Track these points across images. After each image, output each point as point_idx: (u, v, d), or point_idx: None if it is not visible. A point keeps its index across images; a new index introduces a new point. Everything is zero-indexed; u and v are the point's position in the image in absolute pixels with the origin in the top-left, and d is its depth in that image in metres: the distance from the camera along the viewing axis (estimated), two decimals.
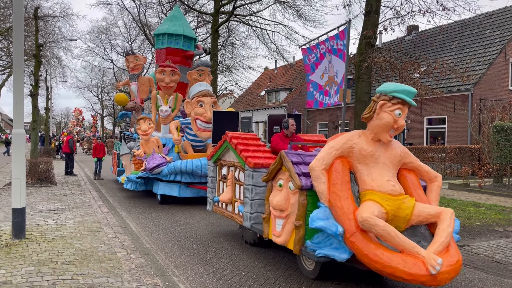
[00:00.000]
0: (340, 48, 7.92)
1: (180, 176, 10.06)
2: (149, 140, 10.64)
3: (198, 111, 10.04)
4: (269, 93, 39.14)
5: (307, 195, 4.65)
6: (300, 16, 23.67)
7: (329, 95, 8.52)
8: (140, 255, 5.80)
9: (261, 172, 5.72)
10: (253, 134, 6.76)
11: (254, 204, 5.74)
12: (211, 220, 8.75)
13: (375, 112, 4.66)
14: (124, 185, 11.37)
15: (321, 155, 4.65)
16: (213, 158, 7.00)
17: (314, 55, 8.90)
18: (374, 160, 4.67)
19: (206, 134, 10.06)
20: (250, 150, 6.06)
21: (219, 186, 6.93)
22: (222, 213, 6.71)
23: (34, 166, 13.15)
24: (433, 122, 22.36)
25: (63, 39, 27.85)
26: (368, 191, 4.54)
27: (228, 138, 6.45)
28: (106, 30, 40.00)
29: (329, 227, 4.25)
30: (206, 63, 12.50)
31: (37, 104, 17.00)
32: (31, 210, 8.63)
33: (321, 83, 8.75)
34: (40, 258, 5.44)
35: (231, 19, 23.61)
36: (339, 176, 4.52)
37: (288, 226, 4.84)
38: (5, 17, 21.95)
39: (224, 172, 6.71)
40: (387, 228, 4.10)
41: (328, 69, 8.49)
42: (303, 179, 4.64)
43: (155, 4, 26.86)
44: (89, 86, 54.18)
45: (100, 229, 7.30)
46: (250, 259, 5.96)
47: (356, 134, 4.80)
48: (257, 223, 5.72)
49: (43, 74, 32.41)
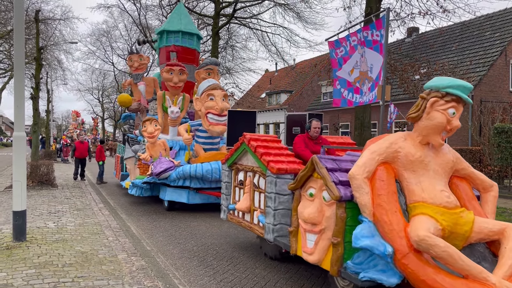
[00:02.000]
0: (376, 39, 7.07)
1: (189, 181, 9.39)
2: (156, 143, 10.04)
3: (209, 104, 9.31)
4: (269, 95, 39.18)
5: (346, 208, 4.03)
6: (300, 18, 23.71)
7: (360, 92, 7.61)
8: (140, 257, 5.80)
9: (285, 178, 5.17)
10: (273, 136, 6.16)
11: (278, 214, 5.13)
12: (211, 222, 8.75)
13: (425, 111, 4.03)
14: (128, 190, 10.82)
15: (362, 161, 4.04)
16: (228, 161, 6.39)
17: (342, 48, 7.95)
18: (424, 167, 4.06)
19: (219, 128, 9.32)
20: (271, 154, 5.46)
21: (235, 192, 6.33)
22: (239, 223, 6.10)
23: (35, 169, 13.16)
24: None
25: (64, 42, 27.88)
26: (418, 203, 3.91)
27: (246, 140, 5.82)
28: (107, 33, 40.18)
29: (377, 247, 3.66)
30: (214, 61, 11.95)
31: (38, 107, 17.00)
32: (32, 213, 8.63)
33: (350, 79, 7.85)
34: (41, 260, 5.44)
35: (232, 21, 23.67)
36: (384, 186, 3.91)
37: (323, 242, 4.24)
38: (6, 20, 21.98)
39: (240, 178, 6.11)
40: (449, 249, 3.48)
41: (359, 64, 7.60)
42: (342, 189, 4.04)
43: (156, 7, 26.90)
44: (90, 88, 54.37)
45: (101, 231, 7.30)
46: (251, 262, 5.95)
47: (401, 137, 4.21)
48: (281, 236, 5.14)
49: (44, 77, 32.46)
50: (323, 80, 30.21)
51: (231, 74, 28.76)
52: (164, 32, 12.48)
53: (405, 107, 22.13)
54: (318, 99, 33.85)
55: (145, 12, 28.36)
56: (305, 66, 38.91)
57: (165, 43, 12.46)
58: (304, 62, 40.53)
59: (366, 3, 12.78)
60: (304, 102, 36.00)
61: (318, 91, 34.98)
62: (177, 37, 12.33)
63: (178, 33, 12.32)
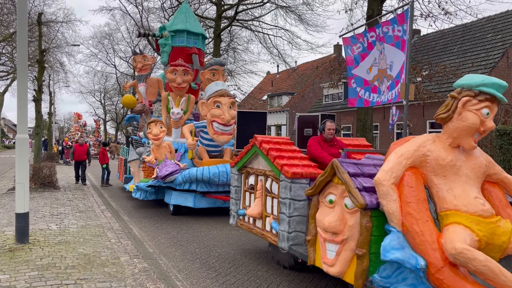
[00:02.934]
0: (397, 34, 6.60)
1: (196, 185, 9.14)
2: (161, 145, 9.81)
3: (215, 113, 8.99)
4: (271, 97, 39.20)
5: (372, 216, 3.75)
6: (302, 20, 23.76)
7: (378, 92, 7.15)
8: (143, 259, 5.81)
9: (301, 183, 4.88)
10: (286, 138, 5.90)
11: (293, 221, 4.84)
12: (213, 224, 8.75)
13: (456, 112, 3.72)
14: (132, 193, 10.49)
15: (388, 166, 3.74)
16: (238, 165, 6.12)
17: (360, 44, 7.45)
18: (455, 172, 3.75)
19: (223, 138, 9.14)
20: (285, 157, 5.19)
21: (245, 197, 6.06)
22: (249, 229, 5.83)
23: (38, 171, 13.20)
24: (435, 126, 22.33)
25: (66, 44, 28.04)
26: (450, 212, 3.61)
27: (257, 143, 5.54)
28: (109, 35, 40.37)
29: (408, 260, 3.40)
30: (220, 62, 11.61)
31: (40, 109, 17.04)
32: (34, 215, 8.66)
33: (367, 78, 7.37)
34: (44, 262, 5.46)
35: (233, 24, 23.73)
36: (414, 192, 3.61)
37: (345, 253, 3.94)
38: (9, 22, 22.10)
39: (251, 182, 5.83)
40: (490, 263, 3.20)
41: (378, 61, 7.13)
42: (366, 196, 3.75)
43: (158, 9, 27.01)
44: (92, 91, 54.61)
45: (103, 233, 7.31)
46: (253, 264, 5.96)
47: (430, 139, 3.90)
48: (297, 244, 4.85)
49: (46, 79, 32.58)
50: (325, 82, 30.22)
51: (233, 77, 28.82)
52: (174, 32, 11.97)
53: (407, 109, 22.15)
54: (320, 101, 33.86)
55: (147, 14, 28.48)
56: (307, 68, 38.95)
57: (170, 42, 12.04)
58: (306, 64, 40.58)
59: (368, 5, 12.80)
60: (306, 104, 36.00)
61: (320, 93, 34.98)
62: (182, 37, 11.95)
63: (183, 33, 11.93)
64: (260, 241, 7.15)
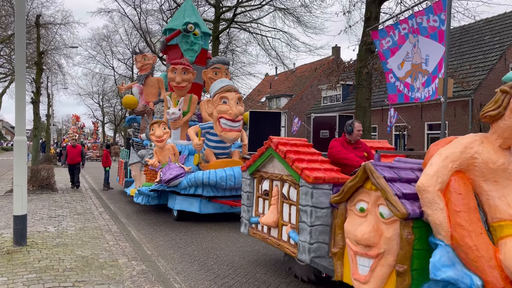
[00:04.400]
0: (433, 25, 6.01)
1: (202, 189, 8.64)
2: (164, 148, 9.31)
3: (222, 108, 8.46)
4: (269, 99, 39.26)
5: (413, 227, 3.33)
6: (300, 22, 23.79)
7: (411, 88, 6.57)
8: (141, 261, 5.80)
9: (323, 189, 4.45)
10: (303, 139, 5.52)
11: (315, 231, 4.39)
12: (212, 226, 8.74)
13: (508, 108, 3.28)
14: (134, 198, 9.97)
15: (433, 170, 3.32)
16: (250, 169, 5.67)
17: (389, 38, 6.87)
18: (508, 177, 3.32)
19: (232, 135, 8.57)
20: (304, 160, 4.79)
21: (258, 203, 5.60)
22: (264, 239, 5.37)
23: (35, 173, 13.17)
24: (433, 127, 22.38)
25: (64, 46, 27.99)
26: (505, 222, 3.18)
27: (273, 145, 5.10)
28: (107, 37, 40.34)
29: (461, 279, 3.02)
30: (222, 60, 11.09)
31: (38, 111, 17.06)
32: (32, 217, 8.63)
33: (399, 74, 6.82)
34: (42, 265, 5.44)
35: (232, 26, 23.76)
36: (463, 200, 3.19)
37: (381, 269, 3.51)
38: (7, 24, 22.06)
39: (265, 187, 5.39)
40: None
41: (411, 55, 6.55)
42: (407, 204, 3.31)
43: (156, 11, 26.99)
44: (90, 93, 54.49)
45: (101, 235, 7.30)
46: (251, 266, 5.95)
47: (477, 140, 3.46)
48: (319, 257, 4.40)
49: (44, 81, 32.53)
50: (323, 84, 30.26)
51: (231, 78, 28.78)
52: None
53: (405, 111, 22.21)
54: (318, 103, 33.91)
55: (145, 16, 28.49)
56: (305, 70, 39.01)
57: (201, 42, 11.52)
58: (304, 66, 40.64)
59: (366, 7, 12.84)
60: (304, 106, 36.05)
61: (318, 95, 35.04)
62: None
63: None
64: (258, 243, 7.14)
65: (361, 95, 12.63)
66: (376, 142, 6.40)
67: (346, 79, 19.87)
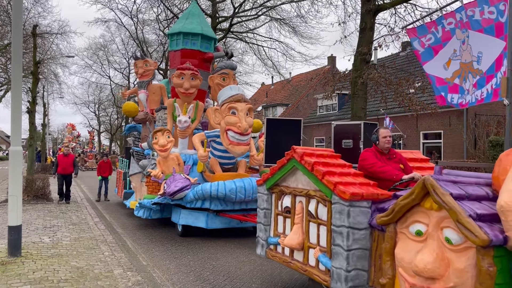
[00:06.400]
0: (489, 18, 5.28)
1: (209, 202, 8.03)
2: (168, 157, 8.72)
3: (230, 120, 7.96)
4: (266, 108, 39.35)
5: (494, 257, 2.75)
6: (296, 33, 23.97)
7: (461, 91, 5.82)
8: (136, 272, 5.77)
9: (361, 207, 3.87)
10: (329, 149, 5.02)
11: (352, 256, 3.79)
12: (208, 236, 8.71)
13: None
14: (135, 212, 9.32)
15: None
16: (268, 183, 5.09)
17: (431, 35, 6.11)
18: None
19: (240, 149, 8.09)
20: (336, 173, 4.24)
21: (277, 222, 4.99)
22: (286, 263, 4.71)
23: (31, 183, 13.11)
24: (429, 136, 22.50)
25: (60, 55, 28.02)
26: None
27: (297, 156, 4.54)
28: (104, 47, 40.37)
29: None
30: (231, 65, 10.46)
31: (34, 121, 17.04)
32: (27, 228, 8.58)
33: (444, 75, 6.02)
34: (36, 276, 5.40)
35: (228, 36, 23.89)
36: None
37: None
38: (3, 34, 22.11)
39: (286, 204, 4.78)
40: None
41: (459, 53, 5.78)
42: (486, 228, 2.75)
43: (153, 21, 27.13)
44: (86, 102, 54.45)
45: (97, 246, 7.26)
46: (247, 276, 5.93)
47: None
48: (358, 286, 3.83)
49: (40, 91, 32.52)
50: (319, 94, 30.41)
51: None
52: (181, 34, 10.73)
53: (400, 120, 22.32)
54: (314, 112, 34.03)
55: (142, 26, 28.64)
56: (301, 80, 39.19)
57: (181, 45, 10.74)
58: (300, 76, 40.84)
59: (361, 18, 12.96)
60: (300, 115, 36.13)
61: (314, 104, 35.18)
62: (195, 41, 10.75)
63: (197, 36, 10.72)
64: (254, 254, 7.12)
65: (356, 105, 12.69)
66: (408, 153, 5.57)
67: (342, 88, 19.95)
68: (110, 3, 26.92)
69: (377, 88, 13.43)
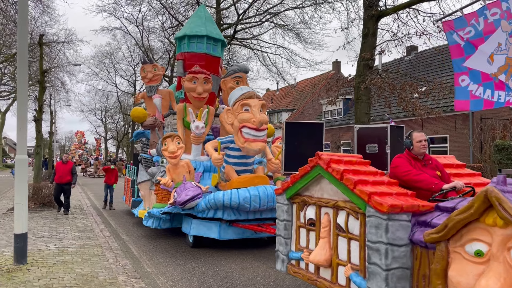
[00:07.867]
0: None
1: (222, 212, 7.63)
2: (178, 164, 8.30)
3: (244, 117, 7.58)
4: (271, 114, 39.42)
5: None
6: (300, 38, 24.08)
7: (507, 89, 5.37)
8: (141, 279, 5.81)
9: (401, 220, 3.45)
10: (358, 155, 4.58)
11: (392, 277, 3.39)
12: (212, 242, 8.73)
13: None
14: (143, 221, 8.92)
15: None
16: (289, 192, 4.69)
17: (470, 28, 5.58)
18: None
19: (256, 145, 7.64)
20: (369, 182, 3.80)
21: (299, 235, 4.58)
22: (311, 281, 4.29)
23: (37, 191, 13.23)
24: (434, 141, 22.42)
25: (67, 64, 28.38)
26: None
27: (322, 163, 4.11)
28: (110, 54, 40.86)
29: None
30: (244, 68, 10.17)
31: (41, 129, 17.19)
32: (33, 235, 8.66)
33: (488, 70, 5.54)
34: (41, 283, 5.46)
35: (232, 42, 24.05)
36: None
37: None
38: (11, 43, 22.41)
39: (310, 215, 4.36)
40: None
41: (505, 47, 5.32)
42: None
43: (158, 29, 27.44)
44: (93, 109, 55.00)
45: (102, 253, 7.32)
46: (250, 283, 5.95)
47: None
48: None
49: (47, 99, 32.86)
50: (324, 99, 30.43)
51: None
52: (185, 37, 10.42)
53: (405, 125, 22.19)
54: (319, 118, 34.01)
55: (147, 34, 28.94)
56: (306, 85, 39.26)
57: (187, 48, 10.40)
58: (305, 81, 40.92)
59: (364, 24, 13.02)
60: (306, 120, 36.20)
61: (319, 109, 35.20)
62: (201, 43, 10.38)
63: (202, 38, 10.34)
64: (258, 260, 7.13)
65: (360, 110, 12.72)
66: (441, 158, 5.05)
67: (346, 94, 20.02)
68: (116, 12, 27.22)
69: (381, 93, 13.44)
